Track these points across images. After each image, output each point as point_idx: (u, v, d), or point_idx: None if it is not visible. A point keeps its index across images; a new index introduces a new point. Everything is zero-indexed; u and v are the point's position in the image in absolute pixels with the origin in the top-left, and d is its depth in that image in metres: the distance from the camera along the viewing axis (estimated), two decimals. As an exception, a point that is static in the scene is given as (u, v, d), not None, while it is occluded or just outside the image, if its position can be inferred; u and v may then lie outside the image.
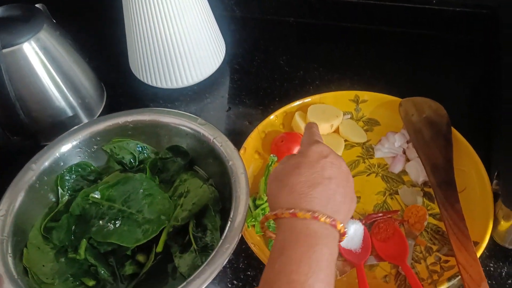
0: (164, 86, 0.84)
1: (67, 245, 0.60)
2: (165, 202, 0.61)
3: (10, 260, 0.55)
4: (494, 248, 0.61)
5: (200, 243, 0.59)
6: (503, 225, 0.59)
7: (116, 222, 0.59)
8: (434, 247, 0.61)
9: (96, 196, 0.61)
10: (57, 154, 0.65)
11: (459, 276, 0.55)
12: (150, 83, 0.84)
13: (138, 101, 0.85)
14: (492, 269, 0.60)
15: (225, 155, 0.62)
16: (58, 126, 0.75)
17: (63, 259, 0.59)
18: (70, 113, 0.76)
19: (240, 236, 0.54)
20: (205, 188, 0.62)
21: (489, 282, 0.58)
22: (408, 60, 0.87)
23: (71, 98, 0.75)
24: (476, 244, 0.58)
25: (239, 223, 0.55)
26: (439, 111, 0.72)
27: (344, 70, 0.86)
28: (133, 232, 0.58)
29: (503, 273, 0.59)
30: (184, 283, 0.50)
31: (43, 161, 0.64)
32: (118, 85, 0.88)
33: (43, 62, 0.71)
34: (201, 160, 0.68)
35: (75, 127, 0.67)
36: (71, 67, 0.75)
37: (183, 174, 0.66)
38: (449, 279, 0.56)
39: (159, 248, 0.58)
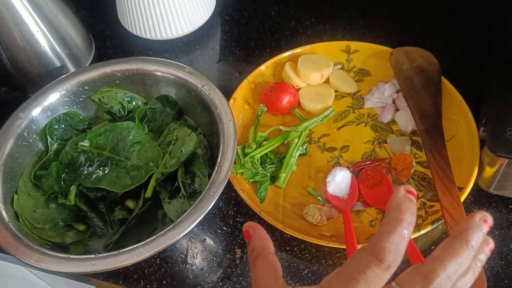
0: (154, 37, 0.83)
1: (57, 192, 0.60)
2: (153, 150, 0.61)
3: (0, 205, 0.56)
4: (478, 194, 0.62)
5: (188, 189, 0.59)
6: (488, 171, 0.59)
7: (105, 169, 0.59)
8: (420, 194, 0.62)
9: (85, 144, 0.62)
10: (44, 103, 0.65)
11: (443, 220, 0.56)
12: (139, 34, 0.83)
13: (127, 53, 0.84)
14: (476, 214, 0.61)
15: (213, 103, 0.62)
16: (46, 77, 0.74)
17: (53, 205, 0.60)
18: (57, 63, 0.75)
19: (227, 180, 0.54)
20: (193, 136, 0.62)
21: (473, 226, 0.59)
22: (401, 10, 0.85)
23: (58, 48, 0.74)
24: (461, 189, 0.59)
25: (227, 168, 0.55)
26: (430, 60, 0.71)
27: (336, 20, 0.85)
28: (122, 178, 0.58)
29: (487, 218, 0.60)
30: (171, 225, 0.51)
31: (31, 110, 0.64)
32: (107, 36, 0.86)
33: (28, 10, 0.69)
34: (190, 109, 0.68)
35: (62, 76, 0.67)
36: (57, 16, 0.74)
37: (172, 124, 0.66)
38: (432, 223, 0.57)
39: (148, 194, 0.59)
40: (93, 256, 0.50)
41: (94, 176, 0.59)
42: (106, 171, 0.59)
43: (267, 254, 0.39)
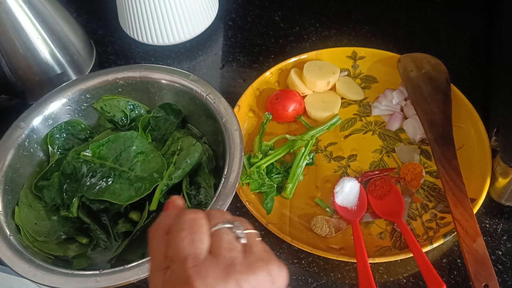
0: (155, 43, 0.81)
1: (59, 204, 0.59)
2: (157, 160, 0.59)
3: (1, 218, 0.55)
4: (490, 204, 0.61)
5: (194, 200, 0.58)
6: (501, 181, 0.58)
7: (108, 180, 0.58)
8: (430, 204, 0.61)
9: (87, 154, 0.60)
10: (46, 112, 0.63)
11: (455, 233, 0.55)
12: (140, 40, 0.82)
13: (129, 59, 0.82)
14: (487, 225, 0.60)
15: (218, 112, 0.61)
16: (46, 84, 0.72)
17: (55, 217, 0.58)
18: (58, 70, 0.73)
19: (234, 192, 0.53)
20: (198, 146, 0.60)
21: (485, 238, 0.58)
22: (407, 15, 0.84)
23: (58, 55, 0.72)
24: (473, 200, 0.58)
25: (234, 180, 0.54)
26: (439, 67, 0.70)
27: (341, 26, 0.83)
28: (126, 189, 0.57)
29: (499, 229, 0.59)
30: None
31: (32, 119, 0.62)
32: (108, 42, 0.85)
33: (28, 16, 0.68)
34: (194, 118, 0.67)
35: (64, 84, 0.65)
36: (58, 22, 0.72)
37: (176, 133, 0.65)
38: (444, 235, 0.56)
39: (153, 206, 0.57)
40: (97, 272, 0.49)
41: (97, 187, 0.57)
42: (110, 183, 0.58)
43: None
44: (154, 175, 0.58)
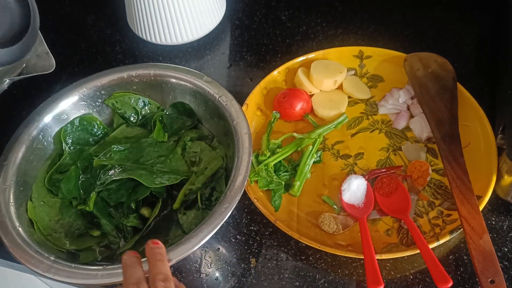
0: (164, 42, 0.82)
1: (77, 196, 0.60)
2: (178, 163, 0.61)
3: (12, 209, 0.56)
4: (496, 202, 0.61)
5: (206, 202, 0.59)
6: (507, 179, 0.59)
7: (129, 172, 0.59)
8: (437, 202, 0.62)
9: (105, 159, 0.61)
10: (60, 107, 0.65)
11: (461, 229, 0.56)
12: (149, 39, 0.82)
13: (137, 58, 0.83)
14: (493, 222, 0.60)
15: (229, 115, 0.62)
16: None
17: (68, 214, 0.59)
18: None
19: (240, 196, 0.54)
20: (217, 158, 0.62)
21: (491, 235, 0.58)
22: (413, 14, 0.85)
23: None
24: (479, 198, 0.58)
25: (240, 183, 0.54)
26: (445, 66, 0.70)
27: (347, 25, 0.84)
28: (150, 178, 0.58)
29: (505, 227, 0.60)
30: (182, 239, 0.50)
31: (46, 113, 0.64)
32: (116, 41, 0.86)
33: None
34: (205, 118, 0.67)
35: (79, 80, 0.67)
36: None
37: (188, 133, 0.66)
38: (451, 232, 0.56)
39: (177, 205, 0.58)
40: (101, 267, 0.50)
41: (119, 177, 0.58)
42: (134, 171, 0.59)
43: None
44: (178, 170, 0.60)
